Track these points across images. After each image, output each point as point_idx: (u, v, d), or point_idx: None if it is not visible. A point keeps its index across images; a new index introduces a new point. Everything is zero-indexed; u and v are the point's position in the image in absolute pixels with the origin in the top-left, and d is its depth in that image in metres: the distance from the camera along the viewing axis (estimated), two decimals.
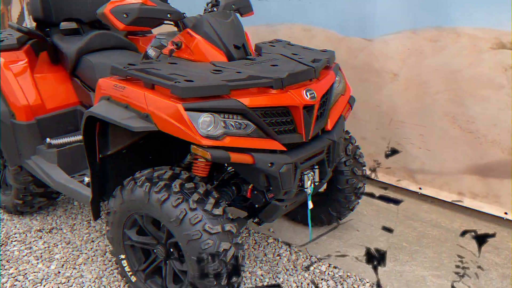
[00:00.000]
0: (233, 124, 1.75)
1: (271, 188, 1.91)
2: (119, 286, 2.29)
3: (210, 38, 2.06)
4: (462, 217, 2.92)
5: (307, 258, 2.50)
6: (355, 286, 2.29)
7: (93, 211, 2.15)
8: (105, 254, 2.54)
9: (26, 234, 2.73)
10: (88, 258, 2.51)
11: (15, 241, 2.66)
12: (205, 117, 1.69)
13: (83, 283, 2.30)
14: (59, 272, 2.39)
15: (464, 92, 2.75)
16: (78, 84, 2.73)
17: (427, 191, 3.11)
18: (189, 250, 1.75)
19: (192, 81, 1.71)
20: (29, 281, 2.32)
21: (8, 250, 2.58)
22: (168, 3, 2.16)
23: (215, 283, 1.76)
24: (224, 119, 1.73)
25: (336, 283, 2.31)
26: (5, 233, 2.75)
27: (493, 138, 2.72)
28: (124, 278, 2.18)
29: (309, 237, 2.65)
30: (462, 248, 2.60)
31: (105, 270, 2.41)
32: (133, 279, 2.09)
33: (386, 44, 3.01)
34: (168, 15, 2.05)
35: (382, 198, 3.17)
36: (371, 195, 3.18)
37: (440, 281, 2.33)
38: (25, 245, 2.62)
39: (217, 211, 1.79)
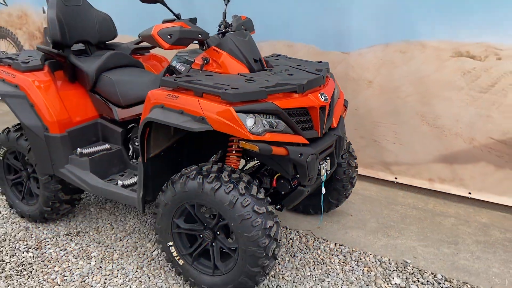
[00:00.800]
0: (269, 122, 2.14)
1: (297, 176, 2.32)
2: (160, 273, 2.58)
3: (234, 53, 2.45)
4: (435, 200, 3.45)
5: (315, 240, 2.91)
6: (361, 257, 2.73)
7: (142, 206, 2.45)
8: (137, 249, 2.81)
9: (56, 238, 2.95)
10: (122, 253, 2.78)
11: (48, 244, 2.87)
12: (250, 117, 2.08)
13: (126, 273, 2.58)
14: (100, 267, 2.64)
15: (430, 94, 3.31)
16: (98, 99, 3.00)
17: (402, 180, 3.64)
18: (242, 228, 2.11)
19: (237, 88, 2.09)
20: (76, 275, 2.56)
21: (45, 252, 2.79)
22: (198, 26, 2.54)
23: (264, 254, 2.13)
24: (263, 118, 2.12)
25: (345, 256, 2.74)
26: (36, 238, 2.95)
27: (456, 131, 3.29)
28: (170, 263, 2.49)
29: (317, 222, 3.07)
30: (440, 223, 3.13)
31: (143, 261, 2.69)
32: (181, 262, 2.40)
33: (362, 56, 3.53)
34: (199, 35, 2.43)
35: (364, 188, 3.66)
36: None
37: (428, 249, 2.82)
38: (59, 247, 2.85)
39: (260, 196, 2.17)
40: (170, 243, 2.40)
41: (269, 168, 2.60)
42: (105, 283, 2.51)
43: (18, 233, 3.02)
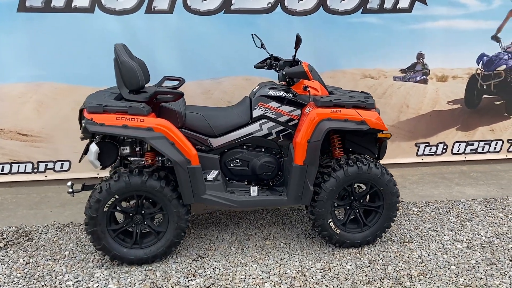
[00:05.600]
0: None
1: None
2: (322, 245, 3.44)
3: (321, 81, 3.57)
4: None
5: None
6: None
7: (309, 200, 3.28)
8: (312, 237, 3.49)
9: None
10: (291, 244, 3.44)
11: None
12: None
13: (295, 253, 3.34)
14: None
15: None
16: (188, 132, 3.44)
17: None
18: (389, 188, 3.36)
19: (367, 100, 3.33)
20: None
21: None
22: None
23: (399, 200, 3.42)
24: None
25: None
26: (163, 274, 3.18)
27: None
28: (326, 233, 3.39)
29: None
30: None
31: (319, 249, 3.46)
32: (338, 231, 3.38)
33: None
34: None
35: None
36: None
37: None
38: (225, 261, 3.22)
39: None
40: (330, 219, 3.34)
41: None
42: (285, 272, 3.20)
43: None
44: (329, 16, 4.80)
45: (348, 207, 3.45)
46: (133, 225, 3.21)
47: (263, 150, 3.62)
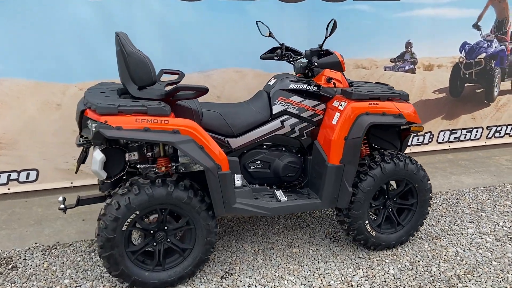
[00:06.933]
0: None
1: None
2: (353, 248, 3.20)
3: (343, 74, 3.31)
4: None
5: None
6: None
7: (347, 201, 3.01)
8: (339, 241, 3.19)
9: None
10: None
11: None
12: None
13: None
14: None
15: None
16: None
17: None
18: (424, 184, 3.18)
19: (401, 92, 3.12)
20: None
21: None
22: None
23: (431, 196, 3.26)
24: None
25: None
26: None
27: None
28: (362, 236, 3.13)
29: None
30: None
31: (352, 253, 3.18)
32: (373, 233, 3.13)
33: None
34: None
35: None
36: None
37: None
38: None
39: None
40: (366, 222, 3.09)
41: None
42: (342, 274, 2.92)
43: None
44: (322, 3, 4.54)
45: (382, 207, 3.23)
46: (154, 243, 2.75)
47: (283, 149, 3.29)
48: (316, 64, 3.09)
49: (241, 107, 3.21)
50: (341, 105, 3.01)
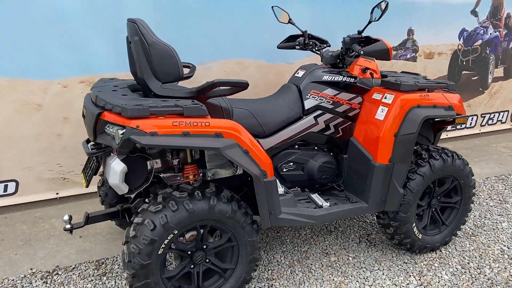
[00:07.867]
0: None
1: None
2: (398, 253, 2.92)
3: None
4: None
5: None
6: None
7: (397, 204, 2.72)
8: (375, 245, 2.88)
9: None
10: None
11: None
12: None
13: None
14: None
15: None
16: None
17: None
18: (471, 186, 2.98)
19: (448, 82, 2.87)
20: None
21: None
22: None
23: (472, 200, 3.05)
24: None
25: None
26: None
27: None
28: (409, 240, 2.87)
29: None
30: None
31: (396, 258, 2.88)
32: (420, 236, 2.88)
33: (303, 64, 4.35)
34: None
35: None
36: None
37: None
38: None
39: None
40: (414, 224, 2.83)
41: None
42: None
43: None
44: None
45: (426, 207, 2.98)
46: (192, 266, 2.35)
47: (315, 148, 2.96)
48: (362, 52, 2.76)
49: (270, 103, 2.84)
50: (385, 97, 2.71)
